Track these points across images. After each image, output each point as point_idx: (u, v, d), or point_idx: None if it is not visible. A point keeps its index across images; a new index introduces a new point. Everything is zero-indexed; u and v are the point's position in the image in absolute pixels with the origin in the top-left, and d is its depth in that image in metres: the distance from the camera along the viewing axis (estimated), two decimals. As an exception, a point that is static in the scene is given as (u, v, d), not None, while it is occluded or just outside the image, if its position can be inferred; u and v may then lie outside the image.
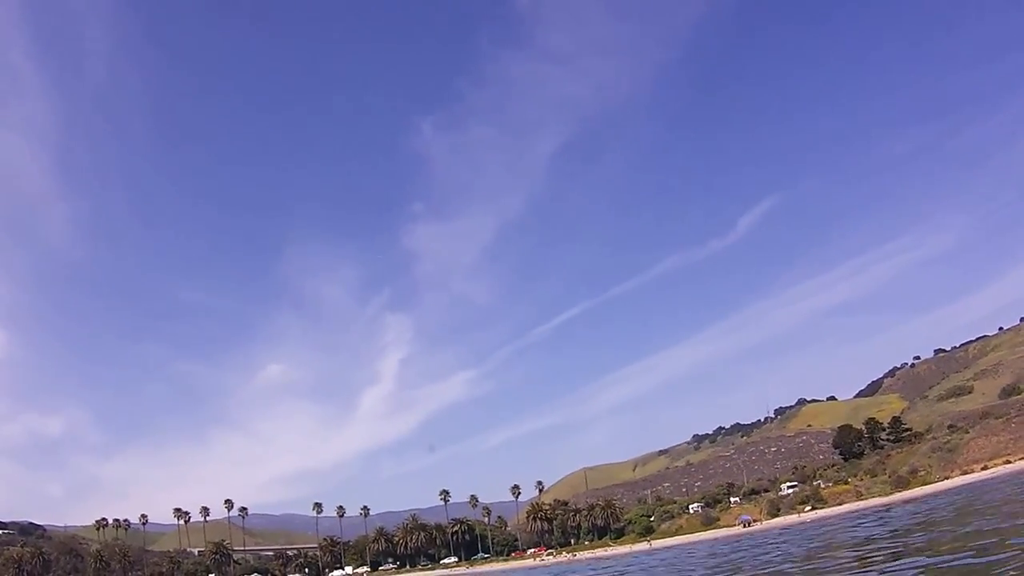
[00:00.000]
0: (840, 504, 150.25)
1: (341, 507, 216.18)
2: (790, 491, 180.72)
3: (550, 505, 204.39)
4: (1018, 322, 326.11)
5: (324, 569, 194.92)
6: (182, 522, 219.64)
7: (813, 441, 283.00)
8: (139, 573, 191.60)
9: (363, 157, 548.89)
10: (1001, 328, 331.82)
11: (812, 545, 43.12)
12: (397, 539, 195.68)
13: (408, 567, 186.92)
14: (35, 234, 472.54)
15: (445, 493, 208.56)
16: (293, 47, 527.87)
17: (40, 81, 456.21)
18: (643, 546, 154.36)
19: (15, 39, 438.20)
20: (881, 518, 49.13)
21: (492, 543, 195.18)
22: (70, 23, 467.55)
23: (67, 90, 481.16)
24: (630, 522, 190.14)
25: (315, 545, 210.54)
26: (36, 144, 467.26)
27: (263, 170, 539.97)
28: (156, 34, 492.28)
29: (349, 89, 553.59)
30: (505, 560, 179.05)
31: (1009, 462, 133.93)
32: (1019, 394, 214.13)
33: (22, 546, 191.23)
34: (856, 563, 23.48)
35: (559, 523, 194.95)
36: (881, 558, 20.45)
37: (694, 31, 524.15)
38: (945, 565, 15.16)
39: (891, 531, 39.31)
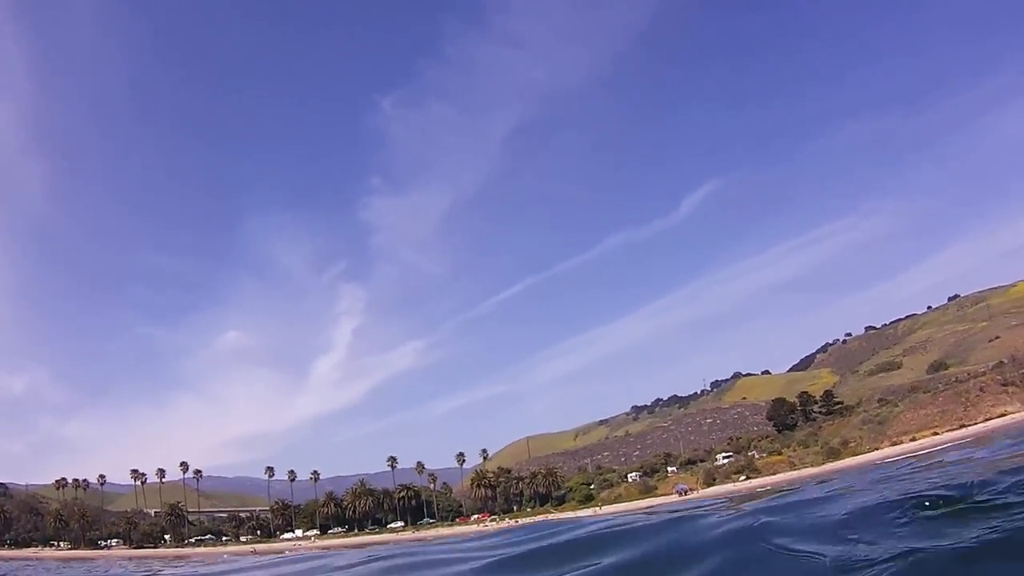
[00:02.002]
0: (774, 474, 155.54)
1: (292, 471, 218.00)
2: (725, 461, 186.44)
3: (494, 473, 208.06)
4: (946, 301, 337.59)
5: (275, 532, 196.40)
6: (139, 483, 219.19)
7: (748, 413, 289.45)
8: (97, 532, 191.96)
9: (325, 132, 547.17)
10: (929, 307, 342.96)
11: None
12: (346, 504, 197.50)
13: (356, 531, 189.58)
14: (3, 193, 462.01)
15: (393, 459, 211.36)
16: (266, 27, 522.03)
17: (16, 38, 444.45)
18: (590, 512, 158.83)
19: None
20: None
21: (438, 509, 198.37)
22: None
23: (44, 51, 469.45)
24: (571, 490, 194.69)
25: (267, 508, 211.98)
26: (9, 102, 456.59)
27: (227, 141, 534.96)
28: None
29: (313, 66, 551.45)
30: (450, 525, 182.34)
31: (937, 434, 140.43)
32: (946, 370, 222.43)
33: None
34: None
35: (502, 490, 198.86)
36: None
37: (649, 19, 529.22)
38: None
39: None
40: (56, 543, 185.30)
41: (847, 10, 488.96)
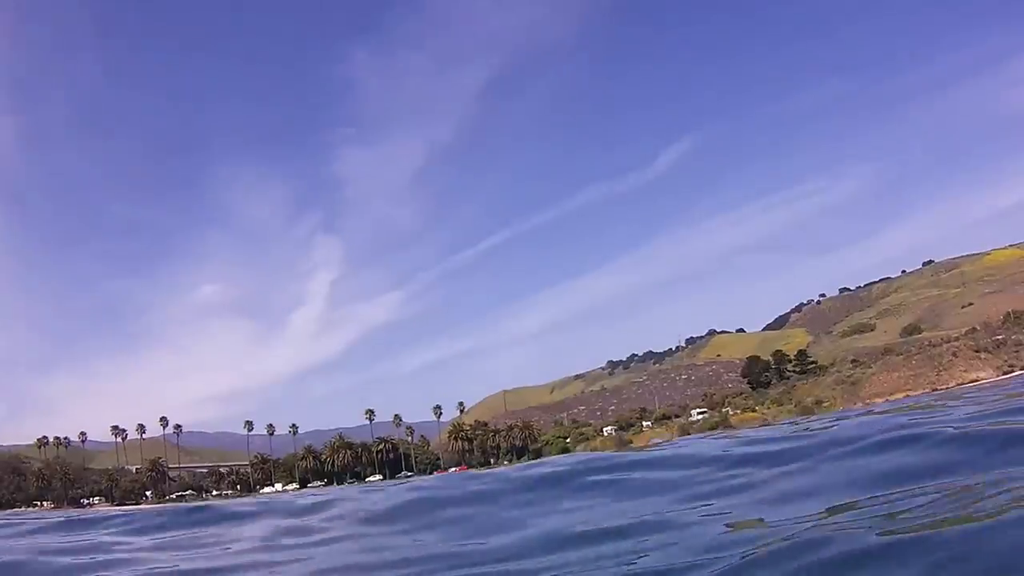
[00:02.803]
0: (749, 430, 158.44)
1: (271, 425, 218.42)
2: (700, 417, 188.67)
3: (471, 426, 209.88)
4: (920, 266, 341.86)
5: (255, 486, 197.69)
6: (119, 440, 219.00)
7: (722, 370, 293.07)
8: (79, 490, 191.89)
9: (296, 82, 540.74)
10: (904, 271, 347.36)
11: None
12: (325, 457, 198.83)
13: (336, 484, 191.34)
14: None
15: (370, 413, 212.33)
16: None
17: None
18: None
19: None
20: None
21: (415, 462, 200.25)
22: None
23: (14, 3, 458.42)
24: (547, 443, 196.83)
25: (246, 463, 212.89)
26: None
27: (195, 90, 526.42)
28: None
29: (284, 14, 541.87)
30: (428, 477, 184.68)
31: (909, 395, 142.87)
32: (919, 333, 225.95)
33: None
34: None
35: (479, 443, 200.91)
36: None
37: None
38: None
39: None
40: (40, 503, 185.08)
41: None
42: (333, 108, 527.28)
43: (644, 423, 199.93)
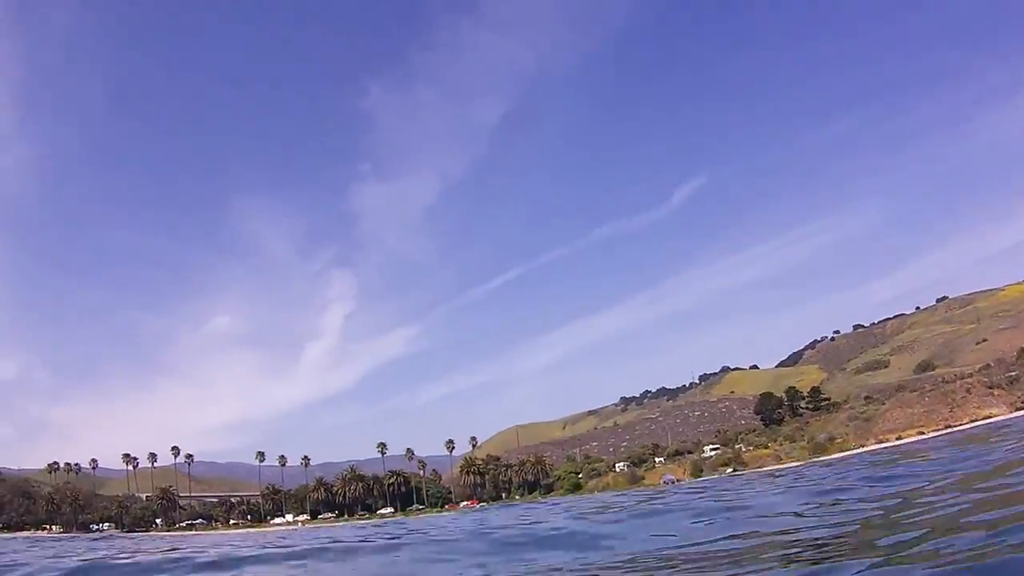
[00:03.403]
0: (760, 467, 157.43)
1: (283, 456, 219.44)
2: (712, 453, 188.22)
3: (483, 460, 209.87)
4: (934, 302, 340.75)
5: (265, 516, 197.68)
6: (130, 467, 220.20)
7: (736, 407, 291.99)
8: (88, 516, 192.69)
9: (313, 117, 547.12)
10: (918, 307, 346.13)
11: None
12: (336, 489, 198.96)
13: (346, 516, 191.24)
14: None
15: (383, 446, 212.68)
16: (255, 10, 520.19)
17: (4, 20, 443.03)
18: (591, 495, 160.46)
19: None
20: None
21: (427, 495, 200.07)
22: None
23: (32, 32, 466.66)
24: (559, 478, 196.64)
25: (257, 493, 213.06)
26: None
27: (215, 124, 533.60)
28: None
29: (303, 51, 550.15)
30: (439, 511, 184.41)
31: (922, 433, 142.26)
32: (933, 370, 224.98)
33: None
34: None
35: (491, 477, 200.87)
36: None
37: (639, 10, 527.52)
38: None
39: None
40: (48, 527, 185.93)
41: (836, 8, 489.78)
42: (349, 143, 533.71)
43: (656, 459, 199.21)
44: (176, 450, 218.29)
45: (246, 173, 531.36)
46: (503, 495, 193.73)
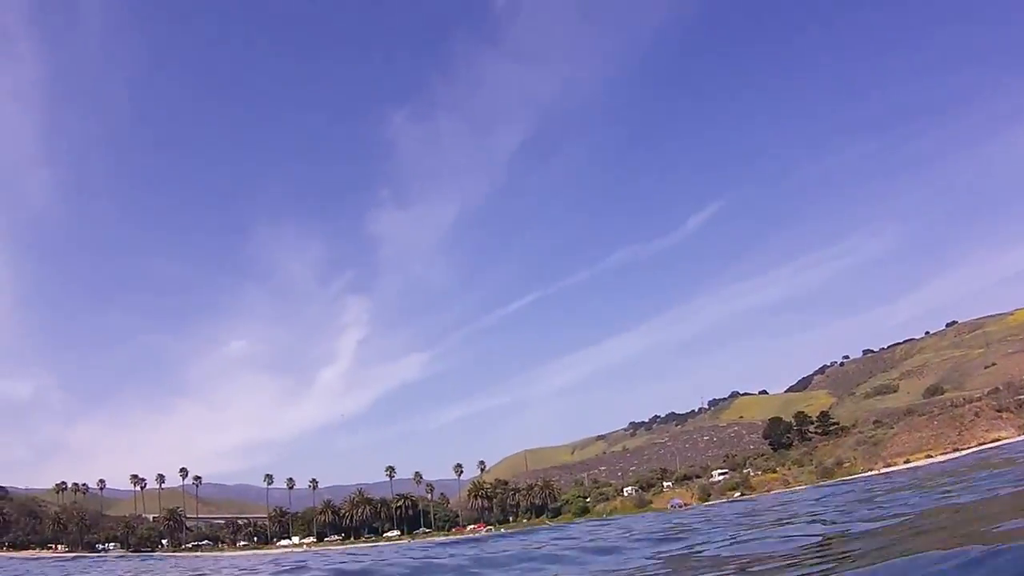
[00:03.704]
0: (768, 491, 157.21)
1: (291, 479, 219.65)
2: (721, 478, 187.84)
3: (491, 484, 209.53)
4: (943, 327, 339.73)
5: (272, 539, 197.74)
6: (138, 488, 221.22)
7: (744, 432, 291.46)
8: (94, 535, 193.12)
9: (335, 144, 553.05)
10: (927, 332, 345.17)
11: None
12: (343, 512, 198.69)
13: (353, 539, 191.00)
14: (12, 199, 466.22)
15: (391, 469, 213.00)
16: (279, 40, 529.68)
17: (32, 49, 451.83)
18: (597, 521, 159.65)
19: (11, 4, 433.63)
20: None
21: (434, 518, 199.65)
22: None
23: (59, 60, 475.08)
24: (567, 502, 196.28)
25: (264, 515, 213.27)
26: (24, 110, 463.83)
27: (237, 150, 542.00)
28: (143, 14, 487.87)
29: (325, 79, 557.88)
30: (446, 534, 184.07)
31: (930, 456, 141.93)
32: (942, 394, 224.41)
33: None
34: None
35: (499, 501, 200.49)
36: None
37: (656, 39, 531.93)
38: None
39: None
40: (54, 546, 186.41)
41: (852, 33, 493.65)
42: (369, 170, 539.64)
43: (665, 483, 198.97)
44: (184, 472, 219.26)
45: (267, 199, 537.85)
46: (510, 519, 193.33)
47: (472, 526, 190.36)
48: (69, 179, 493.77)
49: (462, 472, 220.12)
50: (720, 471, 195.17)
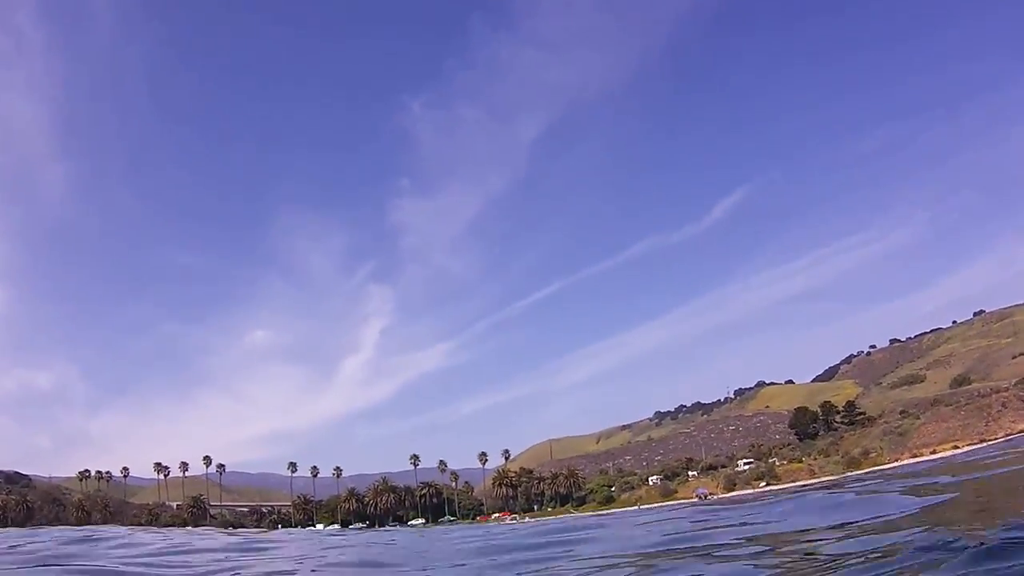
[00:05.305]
0: (794, 481, 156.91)
1: (315, 467, 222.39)
2: (746, 467, 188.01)
3: (516, 473, 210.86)
4: (971, 316, 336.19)
5: (296, 526, 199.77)
6: (162, 476, 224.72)
7: (770, 421, 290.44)
8: (118, 523, 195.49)
9: (354, 133, 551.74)
10: (954, 321, 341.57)
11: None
12: (367, 500, 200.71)
13: (376, 526, 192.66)
14: (31, 193, 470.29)
15: (415, 458, 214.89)
16: (296, 27, 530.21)
17: (44, 43, 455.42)
18: (632, 508, 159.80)
19: (23, 1, 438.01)
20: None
21: (458, 507, 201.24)
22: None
23: (72, 53, 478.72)
24: (592, 491, 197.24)
25: (288, 503, 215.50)
26: (38, 105, 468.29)
27: (256, 140, 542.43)
28: (158, 3, 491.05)
29: (343, 67, 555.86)
30: (470, 522, 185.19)
31: (957, 447, 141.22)
32: (969, 384, 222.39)
33: (8, 494, 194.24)
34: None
35: (523, 490, 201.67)
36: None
37: (676, 25, 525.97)
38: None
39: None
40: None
41: (876, 19, 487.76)
42: (391, 159, 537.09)
43: (690, 473, 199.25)
44: (208, 460, 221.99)
45: (287, 189, 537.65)
46: (535, 507, 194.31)
47: (497, 514, 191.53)
48: (83, 172, 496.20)
49: (487, 461, 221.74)
50: (746, 460, 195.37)
